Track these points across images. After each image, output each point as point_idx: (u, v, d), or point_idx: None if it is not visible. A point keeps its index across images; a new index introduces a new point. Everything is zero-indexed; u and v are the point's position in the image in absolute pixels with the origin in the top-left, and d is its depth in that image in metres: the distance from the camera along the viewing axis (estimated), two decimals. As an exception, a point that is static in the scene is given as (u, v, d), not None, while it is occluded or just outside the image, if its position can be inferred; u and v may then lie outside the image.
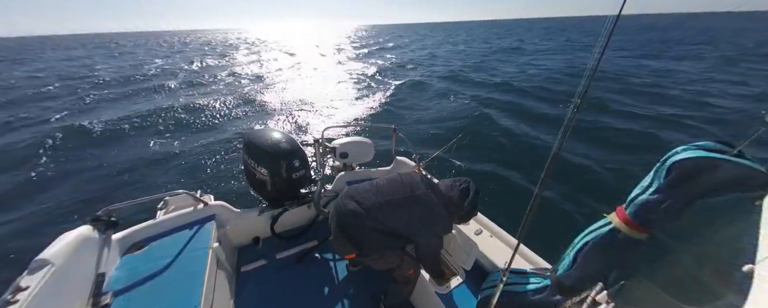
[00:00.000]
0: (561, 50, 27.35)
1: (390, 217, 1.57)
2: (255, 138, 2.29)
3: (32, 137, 7.68)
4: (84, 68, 22.70)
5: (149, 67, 21.78)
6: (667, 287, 0.97)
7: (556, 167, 0.95)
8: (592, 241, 1.22)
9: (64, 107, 11.00)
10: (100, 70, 21.19)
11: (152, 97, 12.31)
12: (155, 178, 5.83)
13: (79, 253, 1.49)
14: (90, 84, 15.74)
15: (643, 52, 23.15)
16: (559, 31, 64.73)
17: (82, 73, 20.24)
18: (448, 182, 1.72)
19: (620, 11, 0.87)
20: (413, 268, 1.81)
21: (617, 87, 11.81)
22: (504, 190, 5.18)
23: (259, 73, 18.57)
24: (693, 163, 0.96)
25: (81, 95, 12.72)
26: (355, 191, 1.68)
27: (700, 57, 19.92)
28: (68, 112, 10.32)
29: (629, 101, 9.86)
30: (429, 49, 33.12)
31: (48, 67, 24.10)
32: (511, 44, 34.90)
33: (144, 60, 27.13)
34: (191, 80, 16.31)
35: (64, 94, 13.36)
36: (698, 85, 12.12)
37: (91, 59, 29.66)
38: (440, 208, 1.60)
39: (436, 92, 12.10)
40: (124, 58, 30.22)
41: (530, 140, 7.08)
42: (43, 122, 9.08)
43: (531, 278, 1.54)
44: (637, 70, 15.33)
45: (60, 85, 15.57)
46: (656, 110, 8.99)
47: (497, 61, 21.61)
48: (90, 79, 17.47)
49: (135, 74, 18.43)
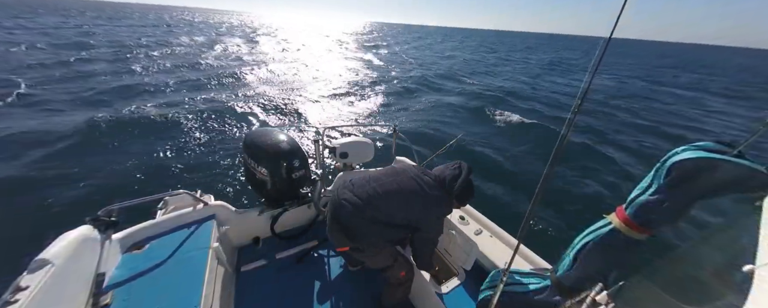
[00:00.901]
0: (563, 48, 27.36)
1: (387, 203, 1.58)
2: (255, 138, 2.29)
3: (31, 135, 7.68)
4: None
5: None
6: (667, 287, 0.97)
7: (557, 167, 0.95)
8: (592, 241, 1.23)
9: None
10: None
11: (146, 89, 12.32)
12: (155, 178, 5.82)
13: (79, 253, 1.49)
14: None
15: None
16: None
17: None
18: (440, 166, 1.75)
19: (611, 34, 0.88)
20: (405, 270, 1.81)
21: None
22: (504, 190, 5.19)
23: (261, 64, 18.44)
24: (693, 163, 0.96)
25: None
26: (350, 183, 1.69)
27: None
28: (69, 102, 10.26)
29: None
30: (430, 49, 33.20)
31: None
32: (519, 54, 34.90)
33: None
34: (188, 67, 16.26)
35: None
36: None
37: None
38: (436, 190, 1.62)
39: (436, 92, 12.11)
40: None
41: (531, 139, 7.09)
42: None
43: (531, 278, 1.54)
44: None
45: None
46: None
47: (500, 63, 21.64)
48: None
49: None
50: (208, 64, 16.98)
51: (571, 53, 46.84)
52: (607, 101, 12.06)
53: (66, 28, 29.83)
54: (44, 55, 15.22)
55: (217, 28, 47.43)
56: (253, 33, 43.66)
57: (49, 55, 15.36)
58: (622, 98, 12.91)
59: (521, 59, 30.93)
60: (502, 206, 4.67)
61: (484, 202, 4.81)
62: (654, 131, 8.22)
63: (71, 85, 11.64)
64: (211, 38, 30.76)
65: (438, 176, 1.67)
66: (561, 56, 35.38)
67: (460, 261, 1.97)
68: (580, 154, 6.21)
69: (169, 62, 15.26)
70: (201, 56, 17.34)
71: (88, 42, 20.97)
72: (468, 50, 38.94)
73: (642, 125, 8.76)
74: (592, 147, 6.54)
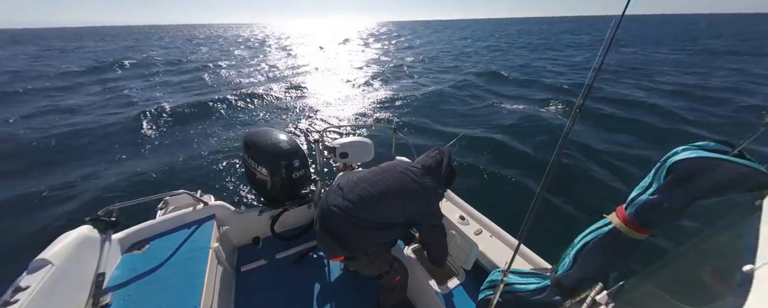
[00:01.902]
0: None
1: (384, 203, 1.53)
2: (255, 138, 2.29)
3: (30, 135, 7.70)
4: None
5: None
6: (667, 287, 0.97)
7: (557, 167, 0.96)
8: (592, 241, 1.22)
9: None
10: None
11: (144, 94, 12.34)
12: (155, 177, 5.82)
13: (79, 253, 1.49)
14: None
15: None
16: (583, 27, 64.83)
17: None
18: (420, 156, 1.81)
19: (624, 12, 0.87)
20: (400, 274, 1.80)
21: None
22: (504, 190, 5.18)
23: (264, 70, 18.59)
24: (693, 163, 0.96)
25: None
26: (338, 188, 1.62)
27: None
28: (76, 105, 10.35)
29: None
30: (430, 45, 33.28)
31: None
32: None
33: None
34: (190, 73, 16.35)
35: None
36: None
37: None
38: (426, 178, 1.63)
39: (436, 91, 12.11)
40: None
41: (531, 139, 7.09)
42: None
43: (531, 278, 1.54)
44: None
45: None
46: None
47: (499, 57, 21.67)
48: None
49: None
50: (215, 72, 17.26)
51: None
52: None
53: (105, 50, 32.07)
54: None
55: (218, 40, 48.81)
56: (263, 42, 44.57)
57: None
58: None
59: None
60: (502, 206, 4.66)
61: (485, 202, 4.81)
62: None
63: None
64: (218, 48, 31.28)
65: (423, 165, 1.70)
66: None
67: (460, 261, 1.97)
68: (580, 154, 6.20)
69: (175, 78, 15.41)
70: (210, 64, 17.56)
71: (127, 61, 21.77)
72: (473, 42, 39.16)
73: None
74: (592, 147, 6.55)
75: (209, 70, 18.41)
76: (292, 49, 34.10)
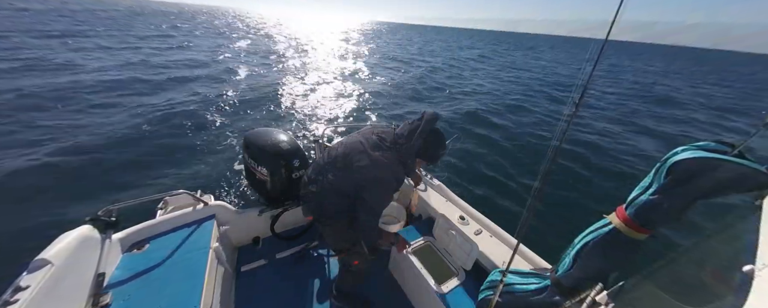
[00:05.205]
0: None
1: (338, 166, 1.49)
2: (255, 138, 2.29)
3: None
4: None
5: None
6: (666, 287, 0.97)
7: (555, 166, 0.95)
8: (593, 241, 1.22)
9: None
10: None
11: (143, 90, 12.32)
12: (155, 177, 5.82)
13: (79, 253, 1.49)
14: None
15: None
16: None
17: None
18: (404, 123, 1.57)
19: (607, 36, 0.88)
20: (360, 261, 1.80)
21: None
22: (504, 190, 5.19)
23: (261, 65, 18.50)
24: (693, 163, 0.96)
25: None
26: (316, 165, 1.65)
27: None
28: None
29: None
30: (421, 47, 33.24)
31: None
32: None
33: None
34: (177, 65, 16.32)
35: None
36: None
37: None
38: (378, 150, 1.45)
39: (435, 91, 12.12)
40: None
41: (531, 139, 7.09)
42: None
43: (531, 278, 1.54)
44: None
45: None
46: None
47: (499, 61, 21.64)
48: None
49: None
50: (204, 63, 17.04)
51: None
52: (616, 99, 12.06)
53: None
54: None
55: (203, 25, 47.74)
56: (252, 30, 43.88)
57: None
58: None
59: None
60: (502, 205, 4.67)
61: (484, 201, 4.81)
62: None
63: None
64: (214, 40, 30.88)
65: (394, 132, 1.49)
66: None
67: (460, 261, 1.97)
68: (581, 153, 6.21)
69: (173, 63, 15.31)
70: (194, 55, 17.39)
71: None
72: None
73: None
74: (593, 146, 6.56)
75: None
76: (287, 43, 33.99)
